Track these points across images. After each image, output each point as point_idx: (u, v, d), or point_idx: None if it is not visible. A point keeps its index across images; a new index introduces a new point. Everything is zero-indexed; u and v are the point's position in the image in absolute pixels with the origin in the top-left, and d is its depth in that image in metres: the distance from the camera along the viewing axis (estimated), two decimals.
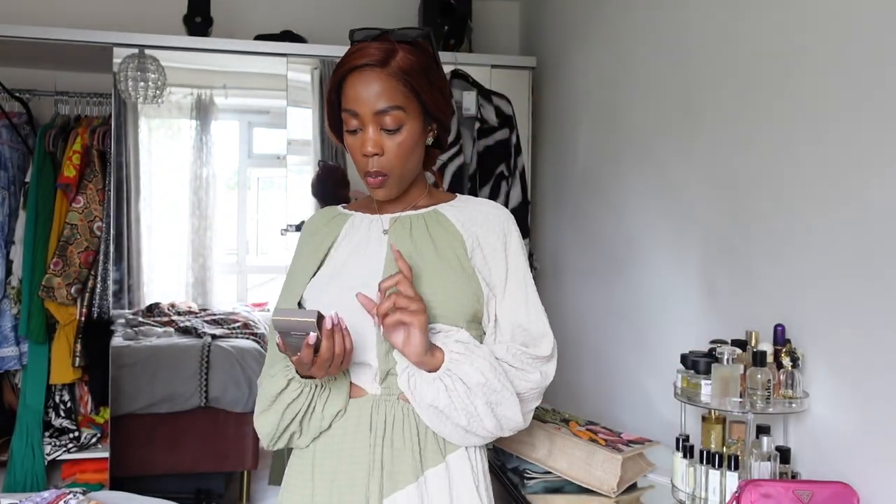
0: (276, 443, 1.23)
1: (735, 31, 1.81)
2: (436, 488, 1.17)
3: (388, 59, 1.15)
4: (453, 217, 1.25)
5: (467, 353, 1.14)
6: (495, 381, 1.14)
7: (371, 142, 1.15)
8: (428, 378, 1.13)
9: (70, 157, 2.95)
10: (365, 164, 1.18)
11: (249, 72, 3.02)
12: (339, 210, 1.34)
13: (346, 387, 1.20)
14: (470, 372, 1.13)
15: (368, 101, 1.14)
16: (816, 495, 1.33)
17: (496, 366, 1.15)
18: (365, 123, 1.15)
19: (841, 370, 1.44)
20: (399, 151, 1.17)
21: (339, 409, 1.20)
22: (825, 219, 1.49)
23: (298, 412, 1.18)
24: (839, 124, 1.46)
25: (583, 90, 2.77)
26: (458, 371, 1.13)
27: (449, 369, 1.13)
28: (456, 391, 1.13)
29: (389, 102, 1.14)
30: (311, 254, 1.27)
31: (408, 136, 1.17)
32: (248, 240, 3.12)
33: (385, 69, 1.14)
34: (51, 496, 1.69)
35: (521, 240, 1.29)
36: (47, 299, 2.93)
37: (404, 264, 1.13)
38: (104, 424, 3.04)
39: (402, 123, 1.16)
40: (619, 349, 2.45)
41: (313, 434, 1.21)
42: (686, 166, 2.04)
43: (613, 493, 1.57)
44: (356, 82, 1.15)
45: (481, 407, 1.14)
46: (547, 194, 3.13)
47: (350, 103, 1.16)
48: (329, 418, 1.20)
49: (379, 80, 1.14)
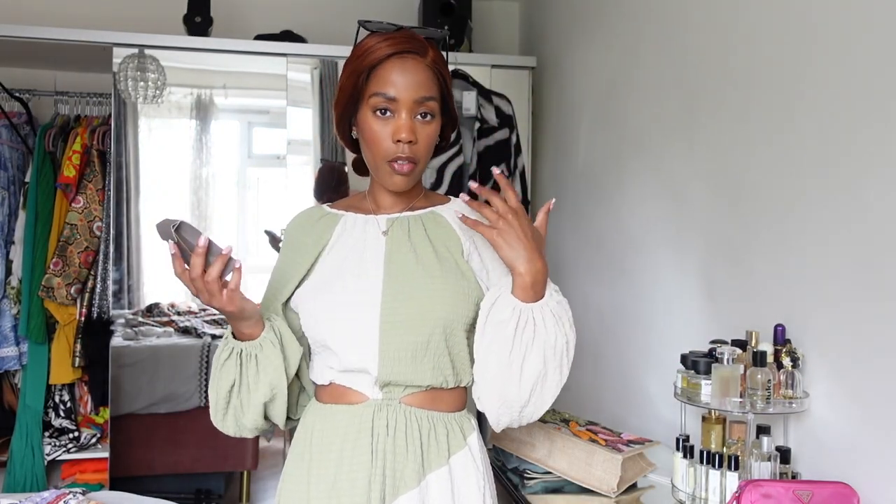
0: (223, 419, 1.21)
1: (735, 31, 1.81)
2: (437, 491, 1.16)
3: (425, 51, 1.17)
4: (451, 219, 1.24)
5: (558, 316, 1.12)
6: (560, 356, 1.13)
7: (407, 128, 1.14)
8: (509, 301, 1.11)
9: (70, 156, 2.95)
10: (394, 150, 1.15)
11: (249, 72, 3.02)
12: (326, 210, 1.30)
13: (273, 364, 1.16)
14: (550, 331, 1.11)
15: (410, 88, 1.14)
16: (816, 495, 1.32)
17: (570, 347, 1.14)
18: (400, 109, 1.15)
19: (841, 370, 1.44)
20: (429, 141, 1.18)
21: (267, 397, 1.17)
22: (825, 219, 1.49)
23: (234, 383, 1.17)
24: (839, 124, 1.46)
25: (583, 90, 2.77)
26: (540, 319, 1.11)
27: (535, 309, 1.10)
28: (525, 331, 1.11)
29: (429, 92, 1.16)
30: (299, 255, 1.24)
31: (435, 128, 1.19)
32: (248, 240, 3.11)
33: (424, 59, 1.16)
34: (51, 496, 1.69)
35: None
36: (47, 299, 2.93)
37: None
38: (104, 424, 3.04)
39: (435, 115, 1.18)
40: (620, 349, 2.44)
41: (255, 416, 1.19)
42: (686, 166, 2.04)
43: (613, 493, 1.57)
44: (397, 67, 1.15)
45: (529, 368, 1.11)
46: (547, 194, 3.13)
47: (387, 87, 1.14)
48: (264, 396, 1.17)
49: (420, 68, 1.16)
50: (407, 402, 1.18)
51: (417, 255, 1.19)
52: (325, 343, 1.19)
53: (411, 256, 1.19)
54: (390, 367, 1.16)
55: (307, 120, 3.01)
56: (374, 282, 1.17)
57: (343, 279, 1.19)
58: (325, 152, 3.01)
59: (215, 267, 1.06)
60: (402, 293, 1.16)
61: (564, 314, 1.14)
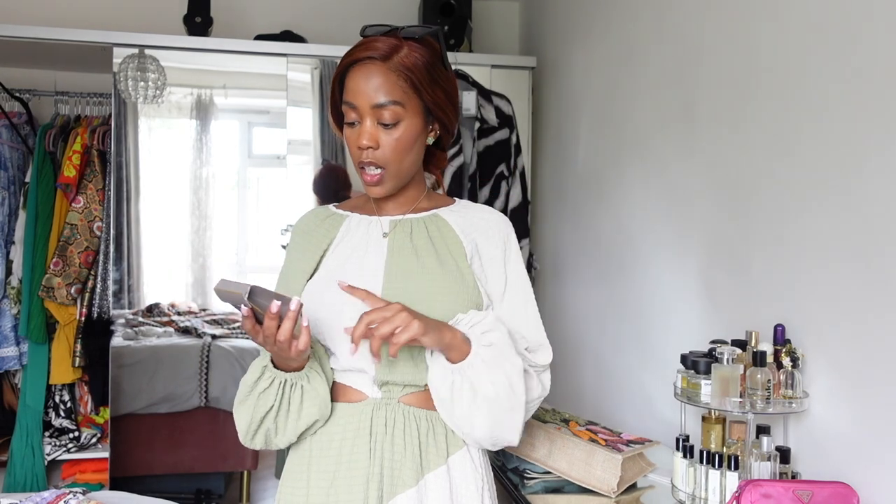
0: (252, 438, 1.20)
1: (735, 31, 1.81)
2: (435, 491, 1.16)
3: (391, 54, 1.14)
4: (454, 223, 1.24)
5: (491, 362, 1.11)
6: (505, 400, 1.12)
7: (367, 134, 1.14)
8: (443, 364, 1.12)
9: (70, 157, 2.95)
10: (359, 156, 1.17)
11: (249, 72, 3.02)
12: (332, 210, 1.31)
13: (320, 395, 1.17)
14: (484, 382, 1.11)
15: (367, 94, 1.14)
16: (816, 495, 1.33)
17: (516, 383, 1.13)
18: (363, 116, 1.15)
19: (841, 370, 1.44)
20: (395, 146, 1.16)
21: (316, 418, 1.17)
22: (825, 219, 1.49)
23: (272, 408, 1.16)
24: (840, 124, 1.46)
25: (583, 90, 2.77)
26: (473, 375, 1.11)
27: (463, 370, 1.11)
28: (461, 392, 1.12)
29: (388, 97, 1.14)
30: (305, 255, 1.25)
31: (405, 132, 1.16)
32: (248, 240, 3.11)
33: (386, 63, 1.14)
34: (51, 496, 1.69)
35: (519, 248, 1.29)
36: (47, 299, 2.93)
37: (361, 292, 1.12)
38: (104, 424, 3.04)
39: (400, 119, 1.15)
40: (620, 349, 2.44)
41: (290, 437, 1.19)
42: (686, 166, 2.04)
43: (613, 493, 1.57)
44: (357, 75, 1.15)
45: (479, 419, 1.13)
46: (547, 194, 3.13)
47: (349, 95, 1.15)
48: (306, 424, 1.17)
49: (379, 73, 1.14)
50: (406, 402, 1.18)
51: (419, 257, 1.19)
52: (324, 342, 1.19)
53: (412, 258, 1.19)
54: (388, 367, 1.16)
55: (307, 120, 3.01)
56: (374, 283, 1.18)
57: (344, 279, 1.19)
58: (325, 152, 3.01)
59: (287, 327, 1.05)
60: (401, 295, 1.16)
61: (500, 354, 1.13)
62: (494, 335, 1.14)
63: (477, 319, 1.15)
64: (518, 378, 1.13)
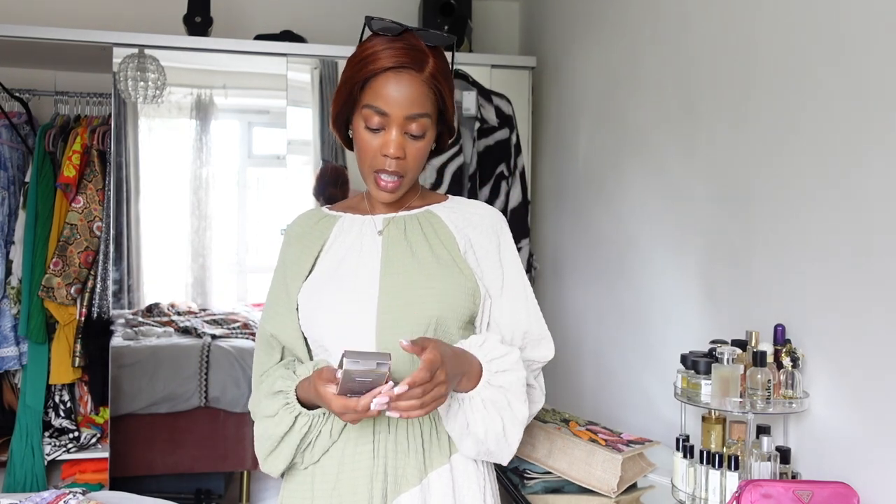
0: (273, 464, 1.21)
1: (735, 31, 1.81)
2: (439, 489, 1.16)
3: (423, 65, 1.13)
4: (446, 218, 1.24)
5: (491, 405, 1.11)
6: (493, 444, 1.13)
7: (395, 144, 1.14)
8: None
9: (70, 156, 2.95)
10: (381, 164, 1.16)
11: (249, 72, 3.02)
12: (325, 212, 1.31)
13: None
14: (477, 422, 1.12)
15: (401, 105, 1.12)
16: (816, 495, 1.33)
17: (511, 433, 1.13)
18: (391, 124, 1.14)
19: (841, 370, 1.44)
20: (417, 156, 1.17)
21: (343, 424, 1.18)
22: (825, 219, 1.49)
23: (309, 443, 1.17)
24: (840, 125, 1.46)
25: (583, 90, 2.77)
26: (469, 411, 1.12)
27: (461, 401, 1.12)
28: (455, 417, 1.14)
29: (421, 109, 1.14)
30: (300, 257, 1.25)
31: (427, 142, 1.17)
32: (248, 240, 3.11)
33: (421, 75, 1.13)
34: (51, 496, 1.69)
35: (513, 241, 1.29)
36: (47, 299, 2.93)
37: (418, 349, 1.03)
38: (104, 424, 3.04)
39: (426, 130, 1.16)
40: (620, 349, 2.44)
41: (320, 453, 1.20)
42: (686, 166, 2.04)
43: (613, 493, 1.57)
44: (390, 82, 1.13)
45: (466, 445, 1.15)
46: (547, 194, 3.13)
47: (379, 101, 1.13)
48: (336, 435, 1.18)
49: (415, 84, 1.13)
50: None
51: (414, 254, 1.19)
52: (322, 342, 1.19)
53: (408, 255, 1.19)
54: None
55: (307, 120, 3.01)
56: (370, 281, 1.18)
57: (340, 279, 1.19)
58: (326, 152, 3.01)
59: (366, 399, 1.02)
60: (398, 292, 1.16)
61: (503, 400, 1.12)
62: (508, 377, 1.13)
63: (497, 353, 1.13)
64: (514, 429, 1.13)
